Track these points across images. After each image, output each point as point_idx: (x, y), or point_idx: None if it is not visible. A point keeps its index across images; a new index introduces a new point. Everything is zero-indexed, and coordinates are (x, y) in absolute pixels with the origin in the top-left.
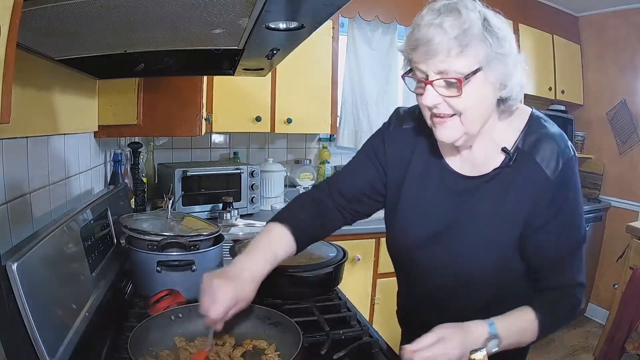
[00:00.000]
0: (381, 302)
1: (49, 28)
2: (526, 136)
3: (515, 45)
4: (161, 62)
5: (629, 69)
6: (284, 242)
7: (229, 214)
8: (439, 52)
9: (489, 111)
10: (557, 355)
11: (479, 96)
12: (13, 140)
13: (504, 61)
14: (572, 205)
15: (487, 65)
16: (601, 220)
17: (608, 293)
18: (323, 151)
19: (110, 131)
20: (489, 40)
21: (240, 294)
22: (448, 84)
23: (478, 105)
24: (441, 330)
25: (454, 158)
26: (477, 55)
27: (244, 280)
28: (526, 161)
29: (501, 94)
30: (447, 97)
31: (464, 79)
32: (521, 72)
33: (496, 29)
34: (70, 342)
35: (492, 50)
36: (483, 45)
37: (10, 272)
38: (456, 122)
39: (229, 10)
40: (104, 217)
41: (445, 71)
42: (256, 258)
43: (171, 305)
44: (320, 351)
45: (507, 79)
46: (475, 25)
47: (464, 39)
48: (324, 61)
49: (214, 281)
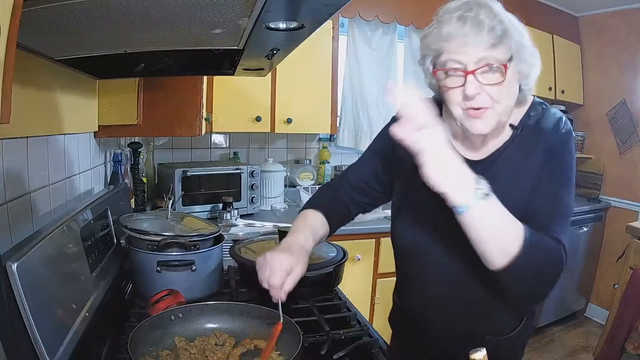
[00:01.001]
0: (381, 302)
1: (49, 28)
2: (530, 113)
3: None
4: (161, 62)
5: (629, 69)
6: (319, 222)
7: (229, 214)
8: (479, 43)
9: (515, 100)
10: (557, 355)
11: (513, 85)
12: (13, 140)
13: (527, 52)
14: (566, 173)
15: (517, 55)
16: (601, 220)
17: (608, 293)
18: (323, 151)
19: (110, 131)
20: (517, 32)
21: (295, 260)
22: (491, 71)
23: (512, 94)
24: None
25: (466, 148)
26: (509, 44)
27: (294, 250)
28: (532, 131)
29: (521, 83)
30: (489, 85)
31: (508, 63)
32: (538, 64)
33: (515, 23)
34: (70, 342)
35: (519, 40)
36: (513, 35)
37: (10, 272)
38: (492, 113)
39: (229, 10)
40: (104, 217)
41: (485, 59)
42: (299, 233)
43: (171, 305)
44: (320, 351)
45: (529, 69)
46: (504, 18)
47: (500, 29)
48: (324, 61)
49: (267, 255)
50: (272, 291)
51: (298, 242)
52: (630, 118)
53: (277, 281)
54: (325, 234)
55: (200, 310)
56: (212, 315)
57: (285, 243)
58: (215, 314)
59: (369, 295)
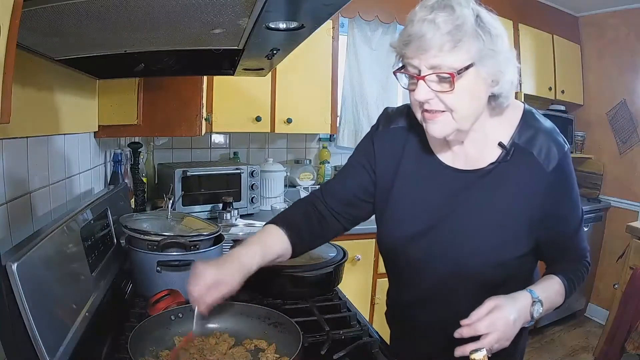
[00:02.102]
0: (381, 302)
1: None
2: (522, 131)
3: (507, 43)
4: (161, 62)
5: (629, 69)
6: (277, 241)
7: (229, 214)
8: (432, 47)
9: (481, 108)
10: (557, 355)
11: (471, 92)
12: (13, 140)
13: (496, 58)
14: (571, 192)
15: (479, 62)
16: (601, 220)
17: (608, 293)
18: (323, 151)
19: (110, 131)
20: (481, 37)
21: (223, 277)
22: (440, 79)
23: (469, 101)
24: (492, 300)
25: (446, 153)
26: (469, 51)
27: (229, 265)
28: (523, 155)
29: (493, 90)
30: (439, 92)
31: (457, 74)
32: (513, 70)
33: (489, 26)
34: (70, 342)
35: (484, 46)
36: (476, 41)
37: (10, 272)
38: (448, 118)
39: (229, 10)
40: (104, 217)
41: (437, 66)
42: (247, 248)
43: (171, 305)
44: (320, 351)
45: (499, 76)
46: (468, 22)
47: (456, 34)
48: (324, 61)
49: (199, 265)
50: (190, 300)
51: (239, 257)
52: (630, 118)
53: (195, 293)
54: (282, 254)
55: None
56: (212, 315)
57: (227, 255)
58: (215, 314)
59: (369, 295)
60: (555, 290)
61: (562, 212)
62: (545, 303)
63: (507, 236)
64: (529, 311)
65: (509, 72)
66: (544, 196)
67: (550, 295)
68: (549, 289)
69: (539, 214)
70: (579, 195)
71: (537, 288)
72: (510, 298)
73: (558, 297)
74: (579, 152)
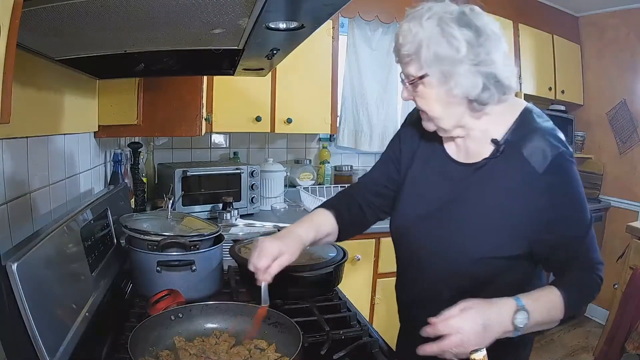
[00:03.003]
0: (381, 302)
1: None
2: (516, 129)
3: (469, 51)
4: (161, 62)
5: (629, 69)
6: (327, 221)
7: (229, 214)
8: (401, 58)
9: (454, 110)
10: (557, 355)
11: (434, 97)
12: (13, 140)
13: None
14: (571, 194)
15: (435, 72)
16: (601, 220)
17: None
18: (323, 151)
19: (110, 131)
20: (439, 53)
21: (285, 247)
22: (411, 85)
23: (435, 105)
24: (465, 302)
25: (451, 146)
26: (419, 62)
27: (290, 239)
28: (513, 153)
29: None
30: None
31: (409, 82)
32: (474, 78)
33: (450, 38)
34: (70, 342)
35: (440, 58)
36: (429, 57)
37: (10, 272)
38: (427, 117)
39: (229, 10)
40: (104, 217)
41: (407, 74)
42: (301, 224)
43: (171, 305)
44: (320, 351)
45: (458, 84)
46: (426, 37)
47: (410, 47)
48: (324, 61)
49: (263, 239)
50: (257, 274)
51: (296, 231)
52: (630, 118)
53: (262, 264)
54: (331, 232)
55: (200, 310)
56: (212, 315)
57: (283, 231)
58: (215, 314)
59: (369, 295)
60: (549, 302)
61: (563, 216)
62: (533, 313)
63: (492, 232)
64: (509, 319)
65: (468, 84)
66: (539, 198)
67: (541, 306)
68: (541, 300)
69: (535, 216)
70: (584, 200)
71: (526, 296)
72: (487, 302)
73: (553, 310)
74: (579, 152)
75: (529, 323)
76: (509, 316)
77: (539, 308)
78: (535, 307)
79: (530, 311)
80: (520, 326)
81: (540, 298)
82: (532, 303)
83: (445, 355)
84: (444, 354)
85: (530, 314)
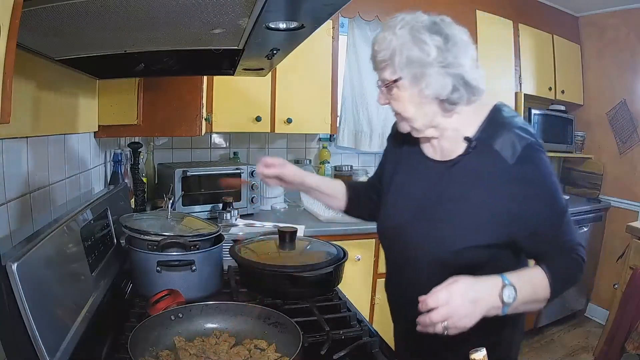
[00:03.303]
0: (381, 302)
1: (49, 28)
2: (487, 126)
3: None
4: (161, 62)
5: (629, 69)
6: (337, 185)
7: (229, 214)
8: (377, 64)
9: (425, 110)
10: (557, 355)
11: (407, 99)
12: (13, 140)
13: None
14: (542, 181)
15: (406, 76)
16: (601, 220)
17: (608, 293)
18: (323, 151)
19: (110, 131)
20: (411, 57)
21: (287, 165)
22: (386, 89)
23: (408, 106)
24: (453, 278)
25: (428, 146)
26: (393, 67)
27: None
28: (485, 149)
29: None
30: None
31: (385, 86)
32: (443, 79)
33: (420, 45)
34: (70, 342)
35: (411, 65)
36: (402, 61)
37: (10, 272)
38: (401, 119)
39: (229, 10)
40: (104, 217)
41: (382, 79)
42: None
43: (171, 305)
44: (320, 351)
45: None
46: (397, 46)
47: (385, 54)
48: (324, 61)
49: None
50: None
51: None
52: (630, 118)
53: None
54: (336, 196)
55: (200, 310)
56: (212, 315)
57: None
58: (215, 314)
59: (369, 295)
60: (534, 279)
61: (537, 202)
62: (520, 290)
63: (472, 223)
64: (497, 294)
65: (438, 84)
66: (512, 187)
67: (527, 284)
68: (526, 277)
69: (511, 204)
70: (557, 186)
71: (512, 274)
72: (475, 278)
73: (539, 289)
74: (579, 152)
75: (517, 298)
76: (497, 291)
77: (525, 285)
78: (521, 284)
79: (517, 288)
80: (509, 301)
81: (525, 276)
82: (518, 280)
83: (437, 329)
84: (435, 327)
85: (517, 290)
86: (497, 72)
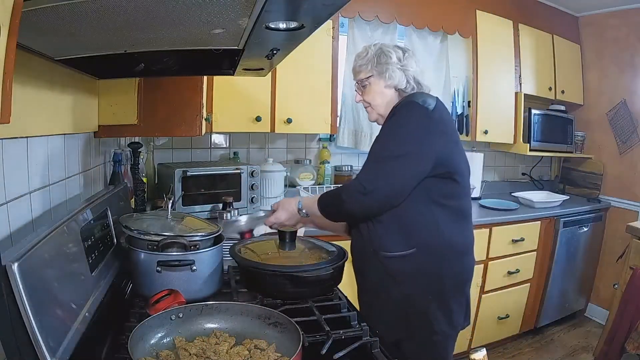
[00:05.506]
0: None
1: (49, 28)
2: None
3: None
4: (161, 62)
5: (629, 69)
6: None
7: (229, 214)
8: (356, 71)
9: (388, 99)
10: (557, 355)
11: (376, 91)
12: (13, 140)
13: (390, 70)
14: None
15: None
16: (601, 220)
17: (608, 293)
18: (323, 151)
19: (110, 131)
20: (377, 62)
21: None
22: (360, 86)
23: (377, 97)
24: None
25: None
26: (371, 69)
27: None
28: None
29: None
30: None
31: (361, 84)
32: (400, 74)
33: (386, 54)
34: (70, 342)
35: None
36: (373, 64)
37: (10, 272)
38: (371, 109)
39: (229, 10)
40: (104, 217)
41: (359, 80)
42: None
43: (171, 305)
44: (320, 351)
45: (391, 79)
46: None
47: (361, 62)
48: (324, 61)
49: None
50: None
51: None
52: (630, 118)
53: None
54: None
55: (200, 310)
56: (212, 315)
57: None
58: (215, 314)
59: None
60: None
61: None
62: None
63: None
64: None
65: (397, 76)
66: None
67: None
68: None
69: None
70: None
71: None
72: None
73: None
74: (579, 152)
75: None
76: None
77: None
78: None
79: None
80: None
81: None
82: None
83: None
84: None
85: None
86: (497, 72)
